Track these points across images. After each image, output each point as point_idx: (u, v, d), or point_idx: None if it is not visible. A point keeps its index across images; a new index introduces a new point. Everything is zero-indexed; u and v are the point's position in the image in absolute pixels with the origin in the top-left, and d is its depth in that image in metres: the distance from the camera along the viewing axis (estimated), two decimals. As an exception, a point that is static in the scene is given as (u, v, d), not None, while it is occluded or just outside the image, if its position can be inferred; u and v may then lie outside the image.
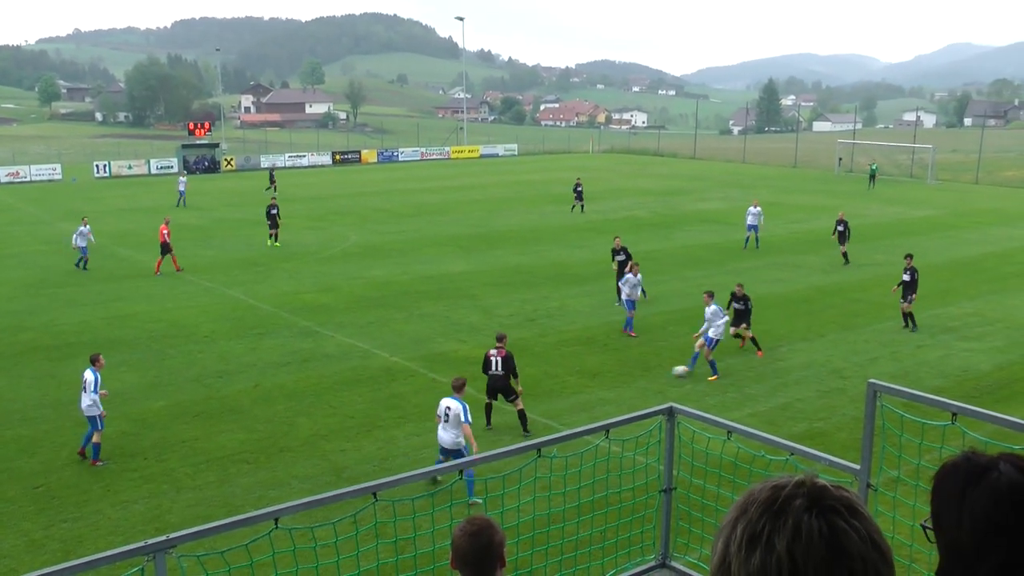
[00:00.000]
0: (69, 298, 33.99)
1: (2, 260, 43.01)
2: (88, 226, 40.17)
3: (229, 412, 21.35)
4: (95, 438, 18.63)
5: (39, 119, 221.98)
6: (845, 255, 38.62)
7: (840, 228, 38.76)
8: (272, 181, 69.39)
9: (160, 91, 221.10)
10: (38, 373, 25.14)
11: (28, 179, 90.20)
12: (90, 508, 16.68)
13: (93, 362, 19.16)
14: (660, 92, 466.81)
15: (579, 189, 55.77)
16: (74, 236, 39.74)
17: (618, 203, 60.75)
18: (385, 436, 19.78)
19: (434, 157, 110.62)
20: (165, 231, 38.32)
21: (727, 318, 23.99)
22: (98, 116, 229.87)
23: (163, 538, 6.14)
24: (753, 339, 25.76)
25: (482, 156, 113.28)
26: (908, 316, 28.32)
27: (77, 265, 39.15)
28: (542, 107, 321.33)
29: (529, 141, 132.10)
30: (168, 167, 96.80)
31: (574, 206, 55.54)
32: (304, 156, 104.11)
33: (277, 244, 44.23)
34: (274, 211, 44.48)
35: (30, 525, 16.16)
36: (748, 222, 42.76)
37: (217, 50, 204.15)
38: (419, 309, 31.35)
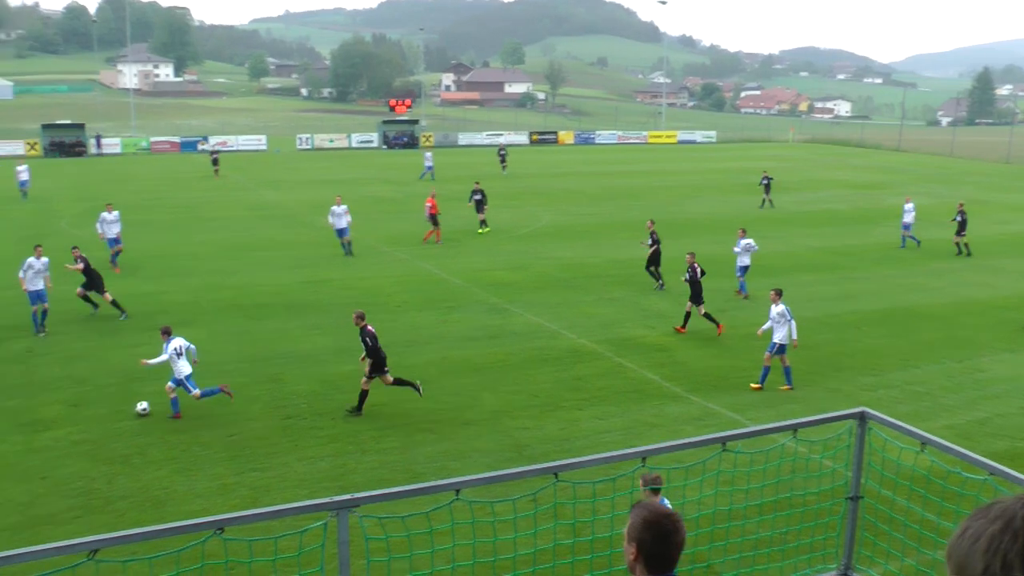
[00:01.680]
0: (267, 261, 35.36)
1: (207, 223, 45.19)
2: (343, 206, 37.65)
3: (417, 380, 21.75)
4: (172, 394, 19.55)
5: (248, 93, 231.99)
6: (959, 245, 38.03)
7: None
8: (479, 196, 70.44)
9: (363, 68, 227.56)
10: (235, 330, 26.28)
11: (235, 148, 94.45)
12: (278, 460, 17.29)
13: (168, 333, 20.03)
14: (866, 80, 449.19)
15: (766, 182, 53.12)
16: (332, 218, 37.69)
17: (815, 195, 58.91)
18: (568, 417, 19.71)
19: (631, 141, 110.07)
20: (431, 204, 39.32)
21: (793, 322, 21.96)
22: (303, 92, 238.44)
23: (348, 496, 6.20)
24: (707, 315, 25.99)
25: (679, 142, 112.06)
26: None
27: (345, 248, 37.34)
28: (743, 94, 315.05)
29: (728, 128, 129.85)
30: (368, 141, 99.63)
31: (764, 200, 52.83)
32: (501, 135, 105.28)
33: (486, 230, 42.91)
34: (478, 196, 43.17)
35: (222, 470, 16.89)
36: (904, 220, 40.19)
37: (421, 30, 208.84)
38: (608, 293, 31.19)
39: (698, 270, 26.33)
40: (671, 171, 74.65)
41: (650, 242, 31.72)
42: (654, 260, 31.48)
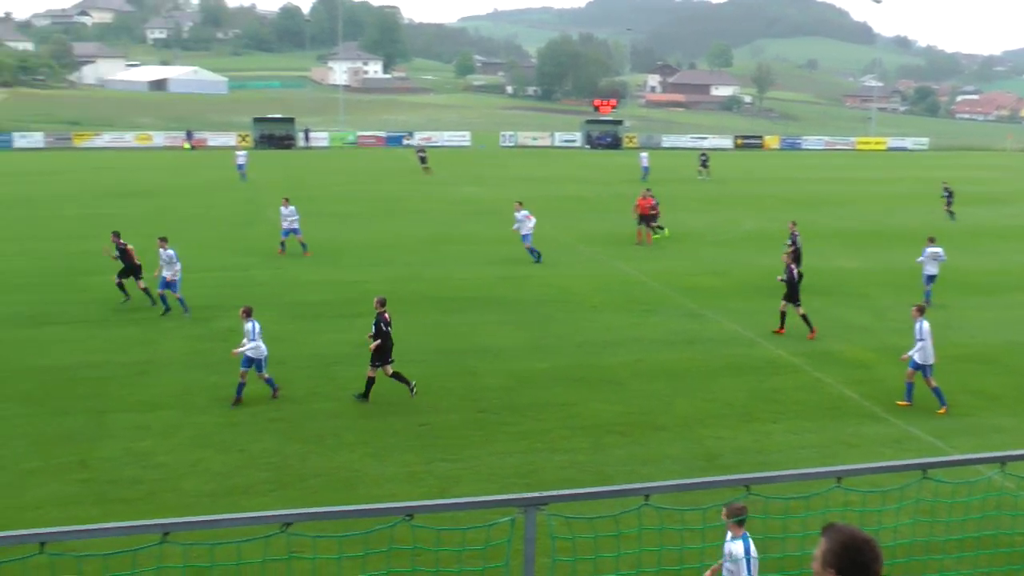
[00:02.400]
0: (465, 255, 36.05)
1: (408, 215, 46.45)
2: (522, 213, 36.96)
3: (608, 383, 21.74)
4: (243, 378, 19.85)
5: (454, 90, 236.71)
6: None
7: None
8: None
9: (569, 68, 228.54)
10: (431, 321, 26.96)
11: (440, 144, 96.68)
12: (468, 452, 17.63)
13: (249, 314, 20.16)
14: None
15: (947, 194, 49.60)
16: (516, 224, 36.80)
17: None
18: (762, 429, 19.28)
19: (838, 147, 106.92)
20: (643, 203, 39.49)
21: (926, 341, 20.22)
22: (508, 89, 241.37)
23: (537, 494, 6.24)
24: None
25: (889, 149, 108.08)
26: None
27: (533, 256, 36.15)
28: (959, 98, 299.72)
29: (941, 135, 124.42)
30: (571, 141, 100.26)
31: (947, 213, 49.00)
32: (706, 138, 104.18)
33: (665, 234, 42.24)
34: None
35: (412, 457, 17.36)
36: None
37: (628, 30, 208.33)
38: (808, 303, 30.25)
39: (795, 271, 26.06)
40: (879, 179, 72.05)
41: (790, 243, 31.35)
42: (796, 262, 30.59)
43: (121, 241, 28.44)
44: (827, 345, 25.52)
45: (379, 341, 20.17)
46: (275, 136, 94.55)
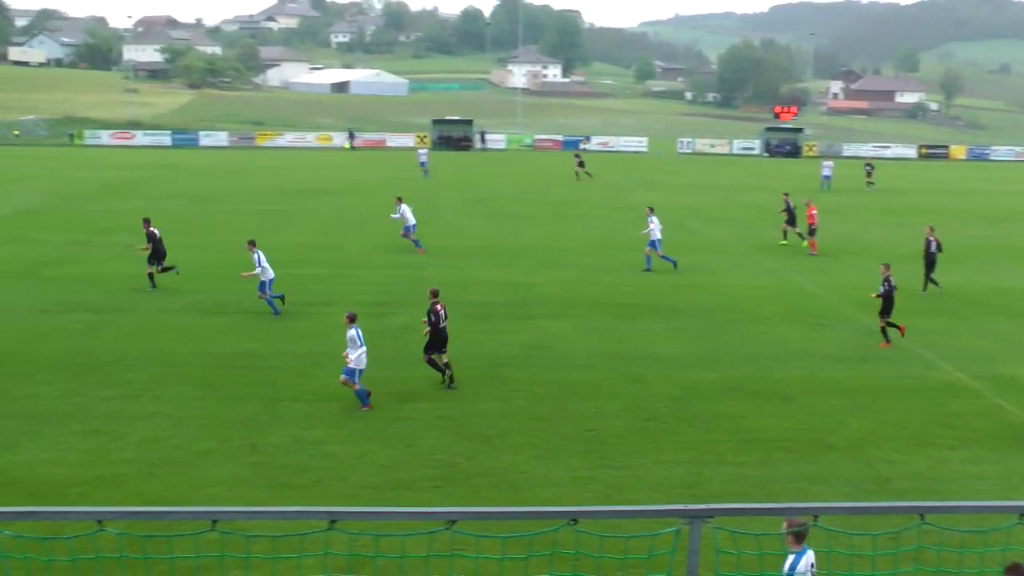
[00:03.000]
0: (637, 262, 35.90)
1: (581, 220, 46.62)
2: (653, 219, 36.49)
3: (779, 397, 21.32)
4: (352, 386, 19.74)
5: (632, 95, 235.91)
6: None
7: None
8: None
9: (750, 74, 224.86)
10: (602, 326, 26.95)
11: (616, 149, 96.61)
12: (634, 460, 17.54)
13: (353, 320, 20.01)
14: None
15: None
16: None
17: None
18: (937, 456, 18.43)
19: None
20: (813, 212, 38.87)
21: None
22: (687, 95, 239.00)
23: (703, 506, 6.22)
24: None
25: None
26: None
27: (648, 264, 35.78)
28: None
29: None
30: (749, 148, 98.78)
31: None
32: (888, 147, 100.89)
33: (786, 242, 41.36)
34: (790, 205, 41.58)
35: (578, 462, 17.40)
36: None
37: (812, 35, 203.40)
38: (989, 324, 28.96)
39: (892, 283, 25.52)
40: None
41: (934, 247, 31.43)
42: (930, 265, 31.39)
43: (151, 228, 30.43)
44: (1009, 368, 24.27)
45: (429, 330, 20.98)
46: (453, 137, 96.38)
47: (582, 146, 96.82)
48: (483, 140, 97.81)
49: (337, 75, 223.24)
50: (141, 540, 6.61)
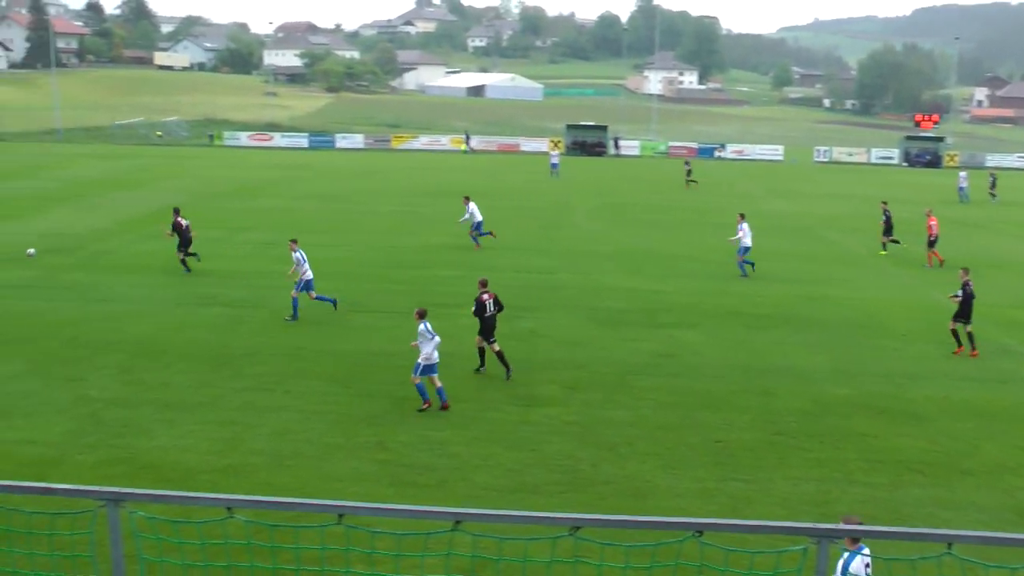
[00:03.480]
0: (769, 272, 35.36)
1: (714, 228, 45.99)
2: (743, 226, 35.68)
3: (912, 417, 20.67)
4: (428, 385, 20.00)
5: (769, 102, 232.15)
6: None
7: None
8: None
9: (890, 80, 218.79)
10: (733, 337, 26.61)
11: (751, 157, 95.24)
12: (762, 474, 17.24)
13: (423, 316, 20.21)
14: None
15: None
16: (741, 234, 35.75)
17: None
18: (1083, 485, 17.59)
19: None
20: (933, 223, 37.88)
21: None
22: (826, 102, 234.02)
23: (832, 526, 6.12)
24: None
25: None
26: None
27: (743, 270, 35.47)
28: None
29: None
30: (888, 158, 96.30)
31: None
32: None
33: (884, 252, 40.57)
34: (888, 214, 40.72)
35: (705, 474, 17.20)
36: None
37: (956, 39, 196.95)
38: None
39: (971, 289, 25.16)
40: None
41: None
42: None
43: (180, 219, 33.47)
44: None
45: (477, 318, 22.06)
46: (587, 143, 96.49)
47: (716, 154, 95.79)
48: (617, 146, 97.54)
49: (473, 79, 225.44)
50: (268, 529, 6.81)
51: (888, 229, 40.46)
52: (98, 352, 23.76)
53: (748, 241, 34.98)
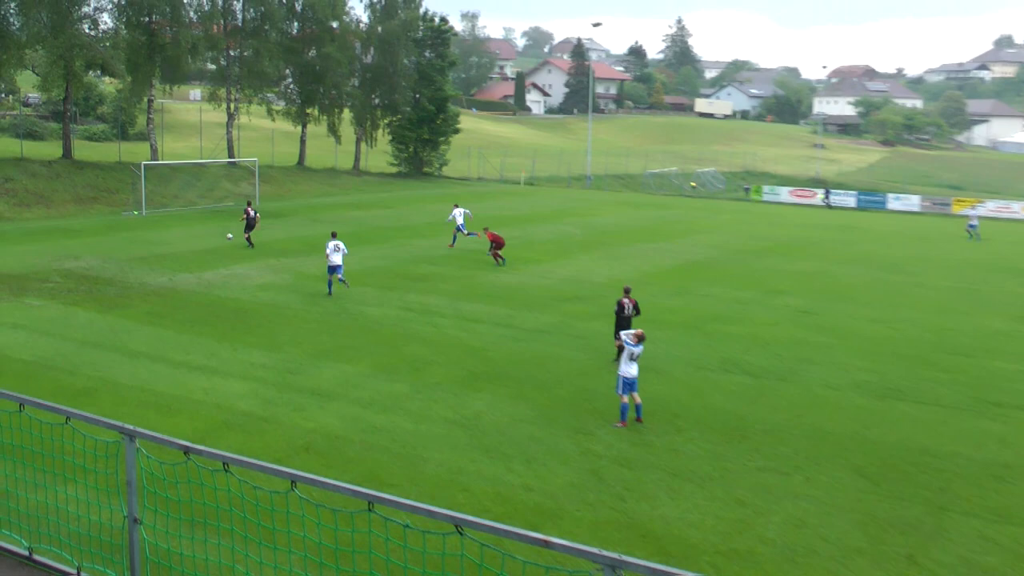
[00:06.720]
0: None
1: None
2: None
3: None
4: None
5: None
6: None
7: None
8: None
9: None
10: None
11: None
12: None
13: (641, 339, 22.00)
14: None
15: None
16: None
17: None
18: None
19: None
20: None
21: None
22: None
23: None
24: None
25: None
26: None
27: None
28: None
29: None
30: None
31: None
32: None
33: None
34: None
35: None
36: None
37: None
38: None
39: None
40: None
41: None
42: None
43: (251, 211, 44.93)
44: None
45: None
46: None
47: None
48: None
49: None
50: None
51: None
52: (606, 406, 23.48)
53: None
